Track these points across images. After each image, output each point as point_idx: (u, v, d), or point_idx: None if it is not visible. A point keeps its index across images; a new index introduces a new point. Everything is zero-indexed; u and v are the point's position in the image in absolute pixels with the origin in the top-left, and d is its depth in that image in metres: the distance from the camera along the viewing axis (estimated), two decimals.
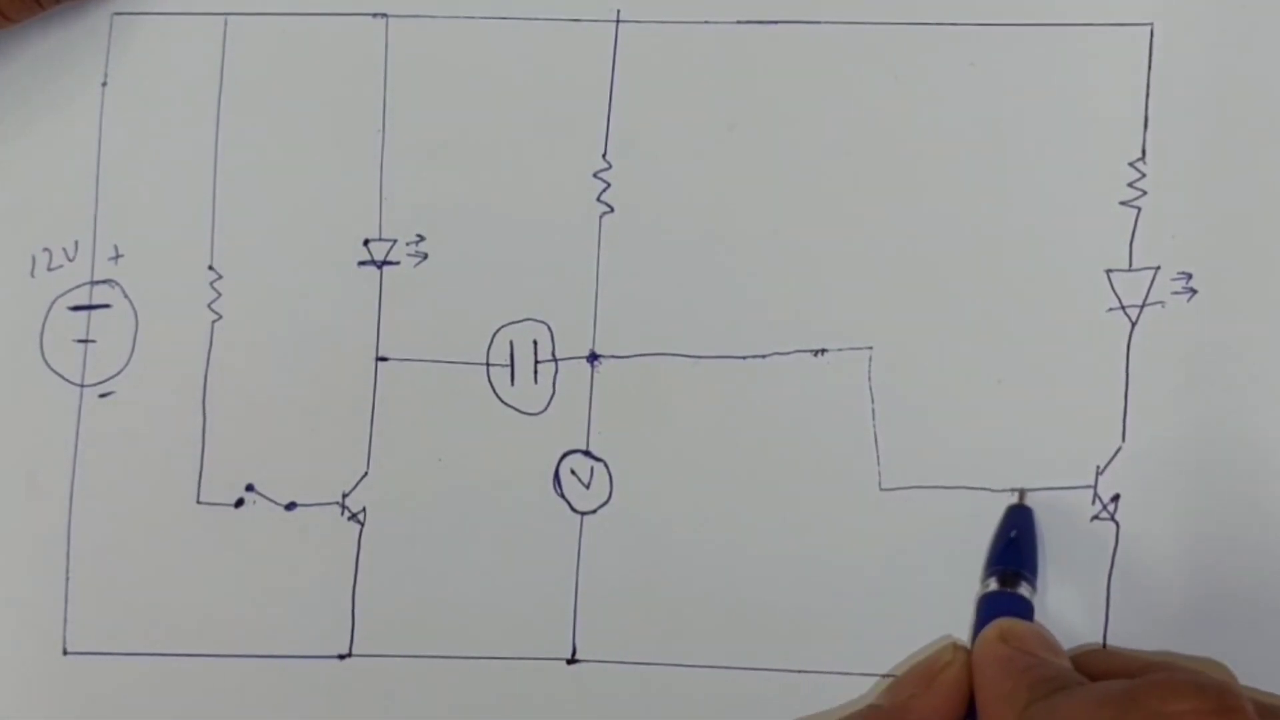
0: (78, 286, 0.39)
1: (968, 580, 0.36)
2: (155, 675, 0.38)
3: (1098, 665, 0.34)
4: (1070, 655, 0.34)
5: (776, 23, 0.38)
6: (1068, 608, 0.36)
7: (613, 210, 0.38)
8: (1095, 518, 0.36)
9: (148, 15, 0.39)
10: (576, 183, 0.38)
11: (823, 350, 0.37)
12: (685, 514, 0.37)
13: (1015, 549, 0.35)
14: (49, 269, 0.39)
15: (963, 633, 0.36)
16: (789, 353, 0.37)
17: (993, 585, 0.35)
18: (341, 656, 0.37)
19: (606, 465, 0.37)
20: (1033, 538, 0.35)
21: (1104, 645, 0.35)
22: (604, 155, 0.38)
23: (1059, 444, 0.36)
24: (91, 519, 0.38)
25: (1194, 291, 0.36)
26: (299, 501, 0.38)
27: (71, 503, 0.38)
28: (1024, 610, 0.34)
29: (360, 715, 0.37)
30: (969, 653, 0.34)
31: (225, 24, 0.39)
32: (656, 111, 0.38)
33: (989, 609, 0.34)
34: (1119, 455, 0.36)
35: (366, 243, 0.38)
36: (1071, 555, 0.36)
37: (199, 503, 0.38)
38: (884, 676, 0.36)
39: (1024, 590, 0.34)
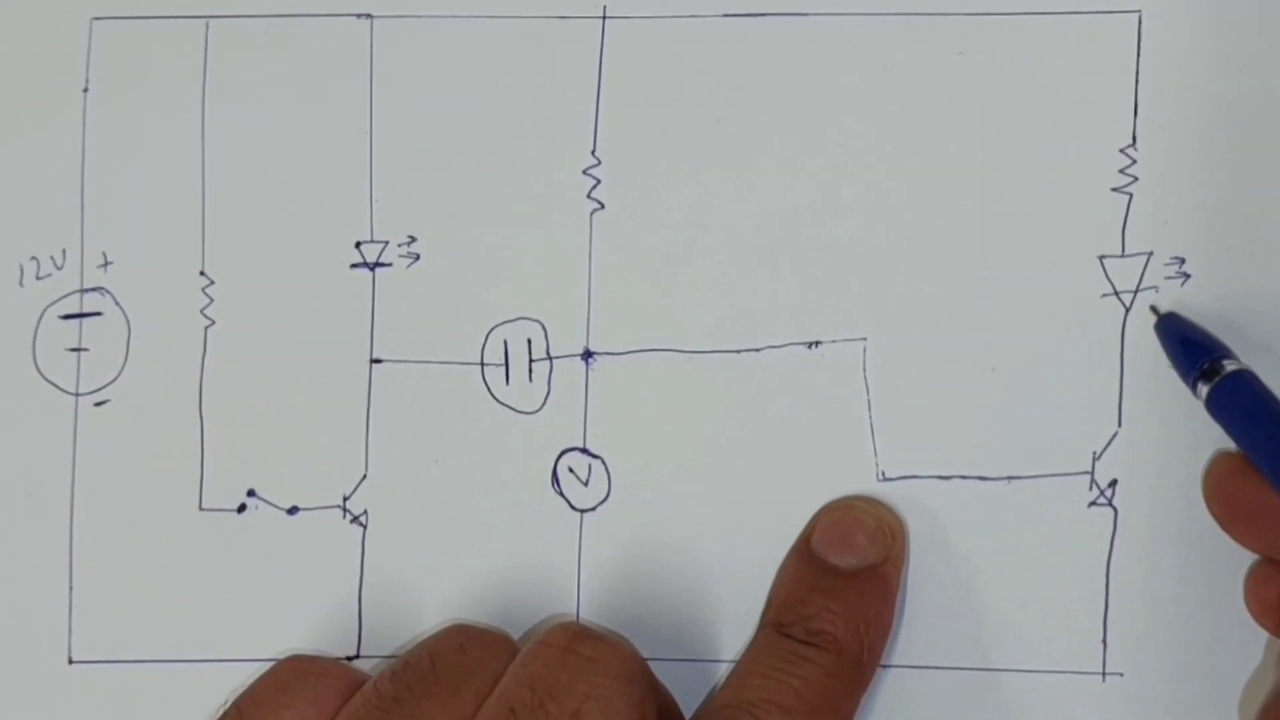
0: (67, 295, 0.39)
1: (967, 569, 0.36)
2: (162, 682, 0.38)
3: None
4: None
5: (763, 15, 0.37)
6: (1066, 595, 0.36)
7: (603, 207, 0.38)
8: (1093, 504, 0.36)
9: (127, 19, 0.39)
10: (566, 180, 0.38)
11: (816, 342, 0.37)
12: (684, 509, 0.37)
13: (1194, 344, 0.34)
14: (37, 278, 0.39)
15: (966, 625, 0.36)
16: (783, 345, 0.37)
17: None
18: (350, 658, 0.38)
19: (604, 462, 0.37)
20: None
21: (1103, 629, 0.36)
22: (593, 152, 0.38)
23: (1055, 431, 0.36)
24: (93, 527, 0.38)
25: (1187, 276, 0.36)
26: (301, 505, 0.38)
27: (72, 511, 0.38)
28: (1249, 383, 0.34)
29: None
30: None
31: (207, 27, 0.39)
32: (644, 107, 0.38)
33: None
34: (1115, 441, 0.36)
35: (358, 245, 0.38)
36: (1069, 542, 0.36)
37: (201, 509, 0.38)
38: (885, 667, 0.36)
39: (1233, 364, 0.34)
